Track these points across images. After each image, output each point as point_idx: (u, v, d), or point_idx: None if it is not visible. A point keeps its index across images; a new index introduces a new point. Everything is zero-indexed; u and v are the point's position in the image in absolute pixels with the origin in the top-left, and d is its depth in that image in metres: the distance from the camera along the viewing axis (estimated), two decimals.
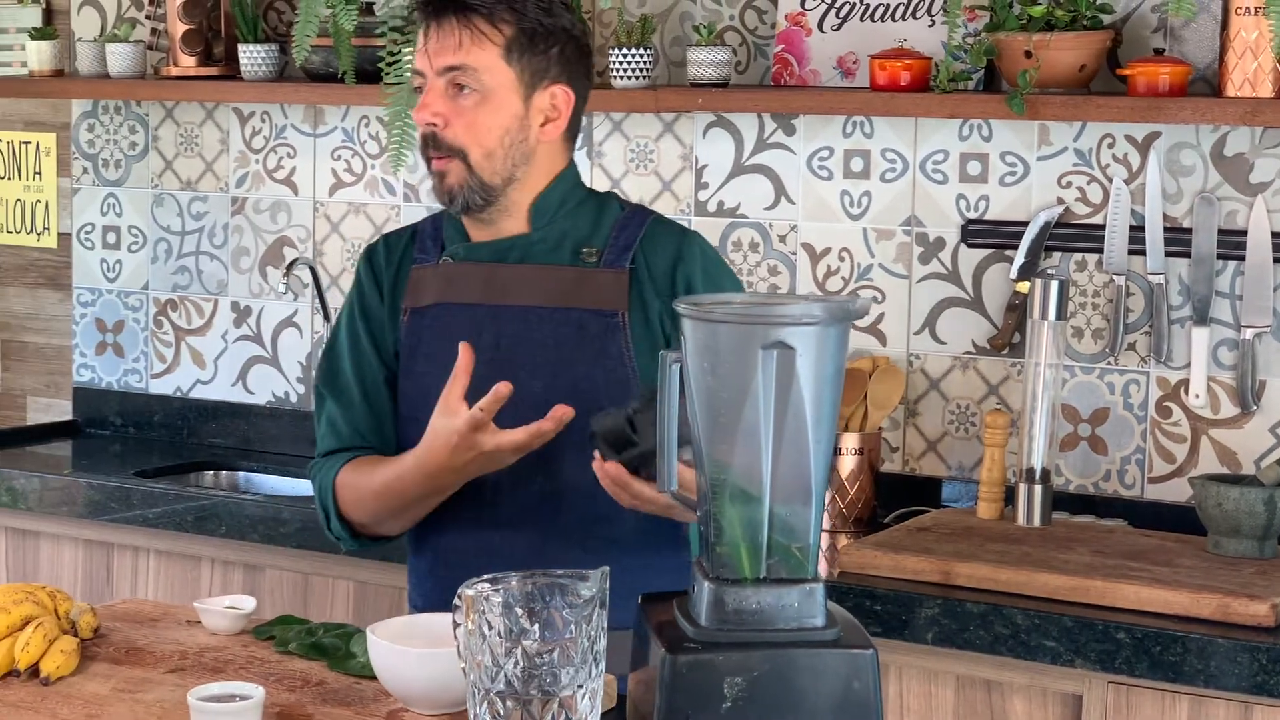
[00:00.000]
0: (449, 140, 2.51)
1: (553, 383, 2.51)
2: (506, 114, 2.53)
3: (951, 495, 3.67)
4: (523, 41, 2.52)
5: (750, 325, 1.84)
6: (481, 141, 2.52)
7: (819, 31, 3.68)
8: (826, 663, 1.86)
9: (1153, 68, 3.29)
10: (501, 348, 2.54)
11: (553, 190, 2.59)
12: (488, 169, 2.53)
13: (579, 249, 2.58)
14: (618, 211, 2.64)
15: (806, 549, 1.89)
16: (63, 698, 2.16)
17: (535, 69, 2.54)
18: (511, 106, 2.53)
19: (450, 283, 2.60)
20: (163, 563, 3.83)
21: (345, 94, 3.93)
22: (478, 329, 2.56)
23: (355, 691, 2.19)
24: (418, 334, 2.60)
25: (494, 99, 2.52)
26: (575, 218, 2.61)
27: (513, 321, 2.54)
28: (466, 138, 2.51)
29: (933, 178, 3.65)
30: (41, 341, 4.65)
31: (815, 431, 1.86)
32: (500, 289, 2.57)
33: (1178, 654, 2.86)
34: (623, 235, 2.59)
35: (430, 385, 2.54)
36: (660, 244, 2.59)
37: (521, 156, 2.55)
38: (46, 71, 4.33)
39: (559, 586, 1.84)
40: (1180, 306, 3.46)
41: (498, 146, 2.53)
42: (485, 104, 2.51)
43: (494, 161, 2.53)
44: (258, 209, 4.33)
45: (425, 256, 2.64)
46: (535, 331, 2.54)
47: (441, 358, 2.54)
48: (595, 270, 2.56)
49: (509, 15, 2.52)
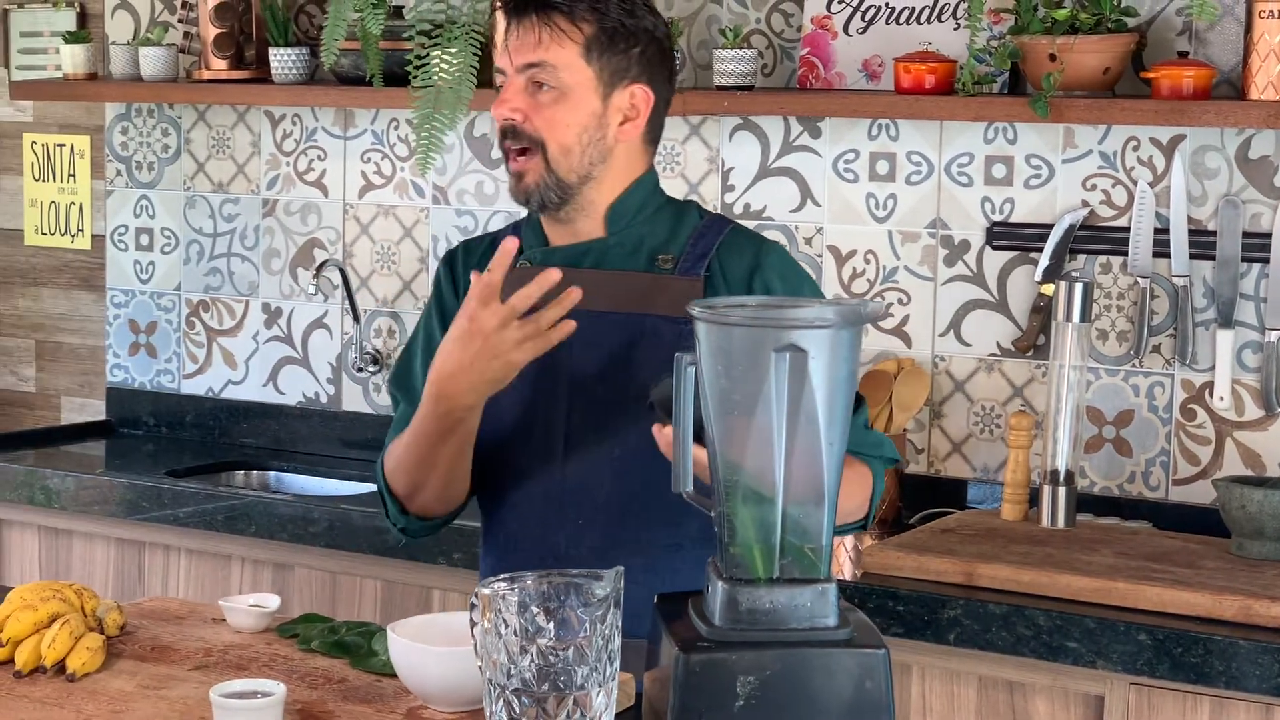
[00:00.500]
0: (528, 132, 2.51)
1: (622, 388, 2.50)
2: (584, 111, 2.52)
3: (976, 497, 3.68)
4: (603, 40, 2.52)
5: (763, 328, 1.86)
6: (559, 136, 2.51)
7: (844, 34, 3.70)
8: (839, 662, 1.88)
9: (1176, 70, 3.29)
10: (573, 352, 2.51)
11: (631, 194, 2.58)
12: (564, 165, 2.52)
13: (655, 255, 2.57)
14: (697, 220, 2.62)
15: (819, 549, 1.90)
16: (88, 694, 2.19)
17: (615, 68, 2.53)
18: (590, 104, 2.53)
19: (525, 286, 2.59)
20: (193, 561, 3.87)
21: (375, 97, 3.95)
22: None
23: (376, 689, 2.22)
24: None
25: (572, 96, 2.51)
26: (653, 224, 2.59)
27: (585, 326, 2.50)
28: (546, 131, 2.51)
29: (958, 180, 3.66)
30: (76, 342, 4.70)
31: (828, 433, 1.88)
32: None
33: (1199, 655, 2.87)
34: (700, 243, 2.58)
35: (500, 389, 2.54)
36: (738, 252, 2.57)
37: (599, 155, 2.54)
38: (80, 75, 4.37)
39: (574, 586, 1.86)
40: (1205, 309, 3.47)
41: (575, 143, 2.52)
42: (563, 101, 2.51)
43: (571, 158, 2.52)
44: (288, 211, 4.36)
45: None
46: (607, 337, 2.53)
47: None
48: (670, 277, 2.55)
49: (590, 14, 2.51)
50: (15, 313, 4.76)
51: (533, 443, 2.54)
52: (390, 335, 4.24)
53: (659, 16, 2.59)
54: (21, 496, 4.02)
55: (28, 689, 2.20)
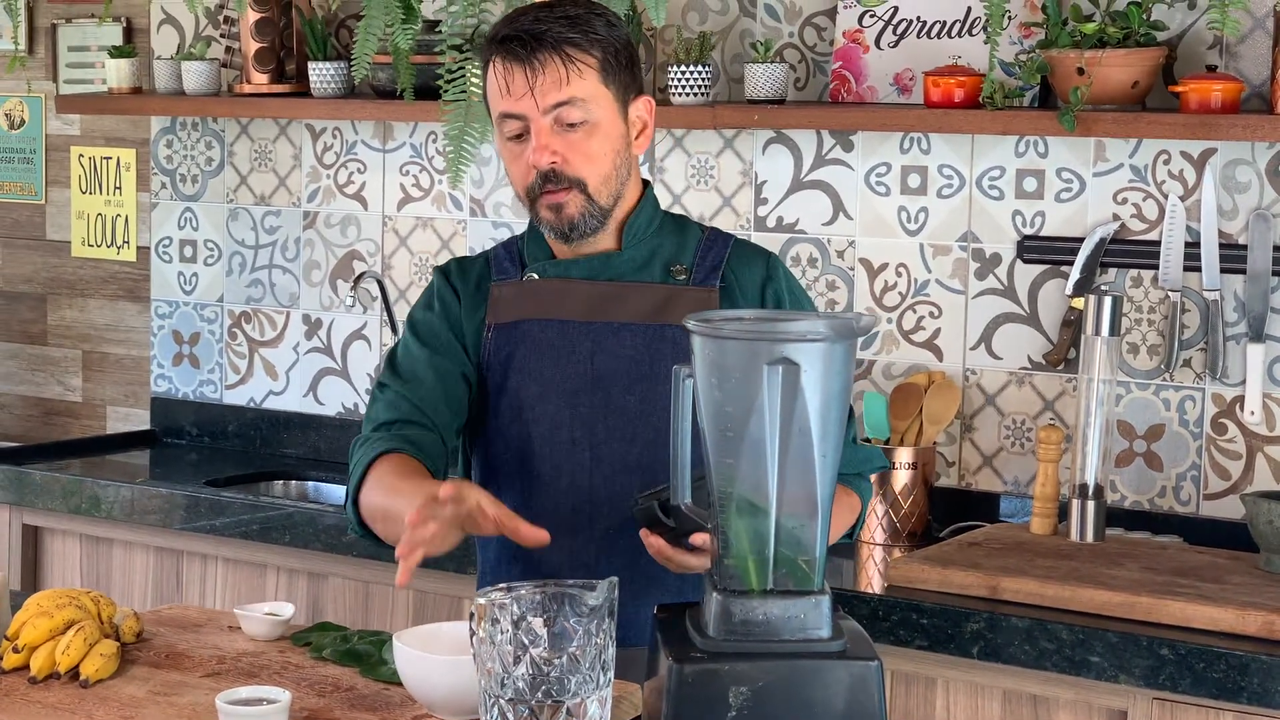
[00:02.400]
0: (569, 174, 2.51)
1: (646, 398, 2.54)
2: (615, 136, 2.55)
3: (1008, 510, 3.68)
4: (610, 61, 2.53)
5: (756, 341, 1.88)
6: (599, 170, 2.53)
7: (876, 48, 3.71)
8: (831, 674, 1.89)
9: (1205, 84, 3.28)
10: (596, 363, 2.56)
11: (642, 209, 2.62)
12: (604, 193, 2.54)
13: (669, 267, 2.60)
14: (699, 233, 2.66)
15: (813, 561, 1.92)
16: (99, 699, 2.22)
17: (624, 84, 2.56)
18: (617, 128, 2.55)
19: (538, 299, 2.61)
20: (230, 570, 3.91)
21: (412, 110, 3.99)
22: (571, 344, 2.58)
23: (383, 697, 2.24)
24: (508, 348, 2.61)
25: (603, 125, 2.53)
26: (661, 236, 2.63)
27: (607, 338, 2.56)
28: (584, 167, 2.52)
29: (989, 194, 3.66)
30: (121, 352, 4.75)
31: (821, 446, 1.89)
32: (595, 306, 2.58)
33: (1222, 671, 2.86)
34: (710, 255, 2.62)
35: (525, 398, 2.57)
36: (748, 263, 2.63)
37: (627, 173, 2.58)
38: (125, 89, 4.43)
39: (568, 596, 1.88)
40: (1235, 323, 3.45)
41: (612, 171, 2.54)
42: (596, 133, 2.52)
43: (610, 185, 2.55)
44: (328, 223, 4.40)
45: (504, 275, 2.65)
46: (629, 348, 2.56)
47: (535, 372, 2.57)
48: (686, 288, 2.58)
49: (596, 37, 2.52)
50: (63, 324, 4.82)
51: (559, 455, 2.56)
52: None
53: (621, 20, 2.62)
54: (66, 505, 4.07)
55: (41, 695, 2.23)
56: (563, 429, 2.55)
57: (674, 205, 3.95)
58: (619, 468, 2.54)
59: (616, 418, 2.54)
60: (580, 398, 2.55)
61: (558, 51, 2.49)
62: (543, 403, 2.57)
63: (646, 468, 2.51)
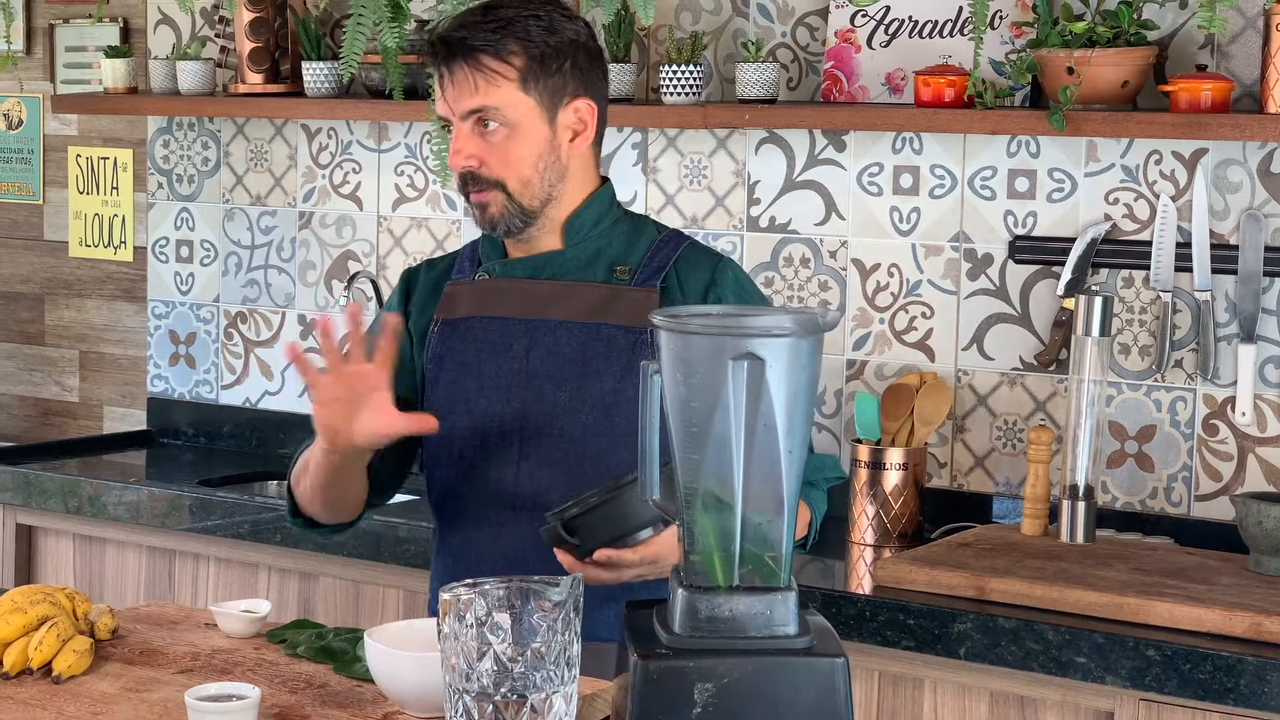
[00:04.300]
0: (486, 176, 2.56)
1: (577, 395, 2.58)
2: (537, 140, 2.57)
3: (1000, 511, 3.66)
4: (534, 68, 2.55)
5: (721, 336, 1.87)
6: (517, 172, 2.56)
7: (868, 48, 3.70)
8: (797, 670, 1.88)
9: (1195, 84, 3.27)
10: (531, 359, 2.60)
11: (587, 208, 2.64)
12: (526, 195, 2.58)
13: (613, 266, 2.63)
14: (654, 234, 2.68)
15: (779, 558, 1.91)
16: (71, 695, 2.21)
17: (553, 90, 2.57)
18: (540, 133, 2.57)
19: (485, 297, 2.65)
20: (222, 570, 3.91)
21: (406, 110, 3.99)
22: (508, 341, 2.62)
23: (355, 694, 2.23)
24: (448, 343, 2.66)
25: (521, 130, 2.56)
26: (610, 236, 2.65)
27: (544, 335, 2.60)
28: (502, 170, 2.56)
29: (981, 194, 3.65)
30: (118, 352, 4.75)
31: (787, 441, 1.88)
32: (534, 303, 2.62)
33: (1208, 671, 2.85)
34: (658, 256, 2.64)
35: (459, 392, 2.62)
36: (694, 267, 2.64)
37: (556, 176, 2.60)
38: (121, 89, 4.43)
39: (532, 591, 1.87)
40: (1227, 324, 3.44)
41: (533, 173, 2.57)
42: (514, 137, 2.55)
43: (531, 187, 2.58)
44: (324, 223, 4.40)
45: (461, 274, 2.71)
46: (564, 345, 2.60)
47: (473, 366, 2.63)
48: (627, 288, 2.61)
49: (515, 45, 2.54)
50: (60, 324, 4.83)
51: (489, 448, 2.61)
52: None
53: (579, 20, 2.62)
54: (62, 505, 4.08)
55: (13, 690, 2.23)
56: (494, 422, 2.60)
57: (667, 206, 3.95)
58: (544, 461, 2.57)
59: (546, 413, 2.58)
60: (513, 393, 2.60)
61: (469, 59, 2.53)
62: (478, 396, 2.62)
63: (572, 463, 2.56)
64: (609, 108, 2.73)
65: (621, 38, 3.84)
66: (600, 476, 2.49)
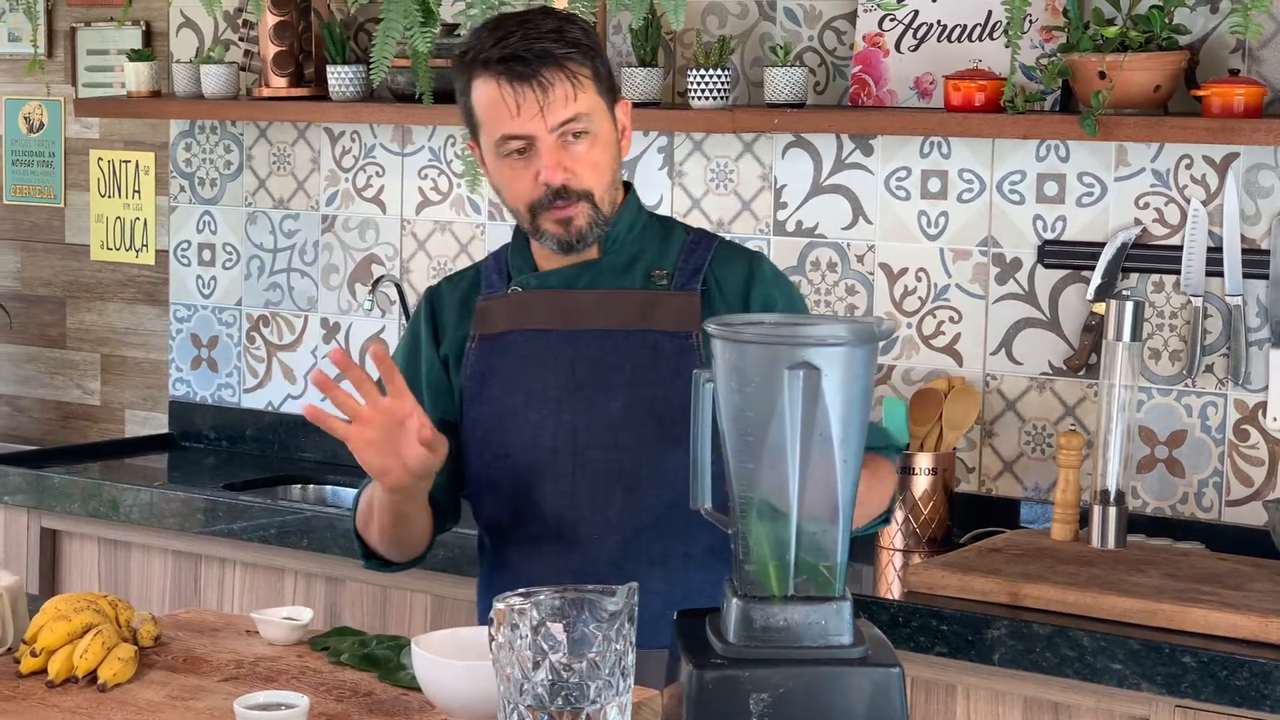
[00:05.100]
0: (577, 188, 2.51)
1: (629, 404, 2.54)
2: (612, 145, 2.56)
3: (1029, 516, 3.66)
4: (600, 69, 2.54)
5: (776, 345, 1.86)
6: (603, 180, 2.54)
7: (896, 52, 3.69)
8: (852, 680, 1.88)
9: (1228, 89, 3.27)
10: (577, 371, 2.56)
11: (622, 215, 2.62)
12: (606, 202, 2.56)
13: (650, 271, 2.61)
14: (684, 235, 2.66)
15: (834, 567, 1.91)
16: (117, 704, 2.21)
17: (609, 90, 2.57)
18: (612, 137, 2.56)
19: (522, 310, 2.61)
20: (248, 575, 3.90)
21: (431, 114, 3.98)
22: (553, 354, 2.58)
23: (401, 703, 2.23)
24: (489, 359, 2.61)
25: (601, 137, 2.53)
26: (643, 241, 2.63)
27: (588, 345, 2.56)
28: (592, 180, 2.52)
29: (1010, 198, 3.65)
30: (140, 356, 4.75)
31: (842, 451, 1.88)
32: (574, 314, 2.59)
33: (1244, 678, 2.85)
34: (692, 258, 2.62)
35: (507, 408, 2.58)
36: (730, 265, 2.62)
37: (619, 180, 2.60)
38: (144, 92, 4.43)
39: (587, 601, 1.86)
40: (1258, 329, 3.43)
41: (612, 179, 2.56)
42: (596, 144, 2.53)
43: (610, 194, 2.56)
44: (347, 227, 4.40)
45: (492, 289, 2.65)
46: (611, 355, 2.56)
47: (519, 381, 2.58)
48: (667, 293, 2.58)
49: (584, 47, 2.53)
50: (81, 327, 4.82)
51: (541, 464, 2.57)
52: None
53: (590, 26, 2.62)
54: (84, 509, 4.07)
55: (59, 699, 2.23)
56: (544, 438, 2.56)
57: (693, 209, 3.94)
58: (601, 475, 2.54)
59: (599, 425, 2.55)
60: (562, 406, 2.56)
61: (562, 68, 2.49)
62: (525, 412, 2.58)
63: (629, 474, 2.53)
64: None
65: (649, 42, 3.84)
66: (657, 484, 2.48)
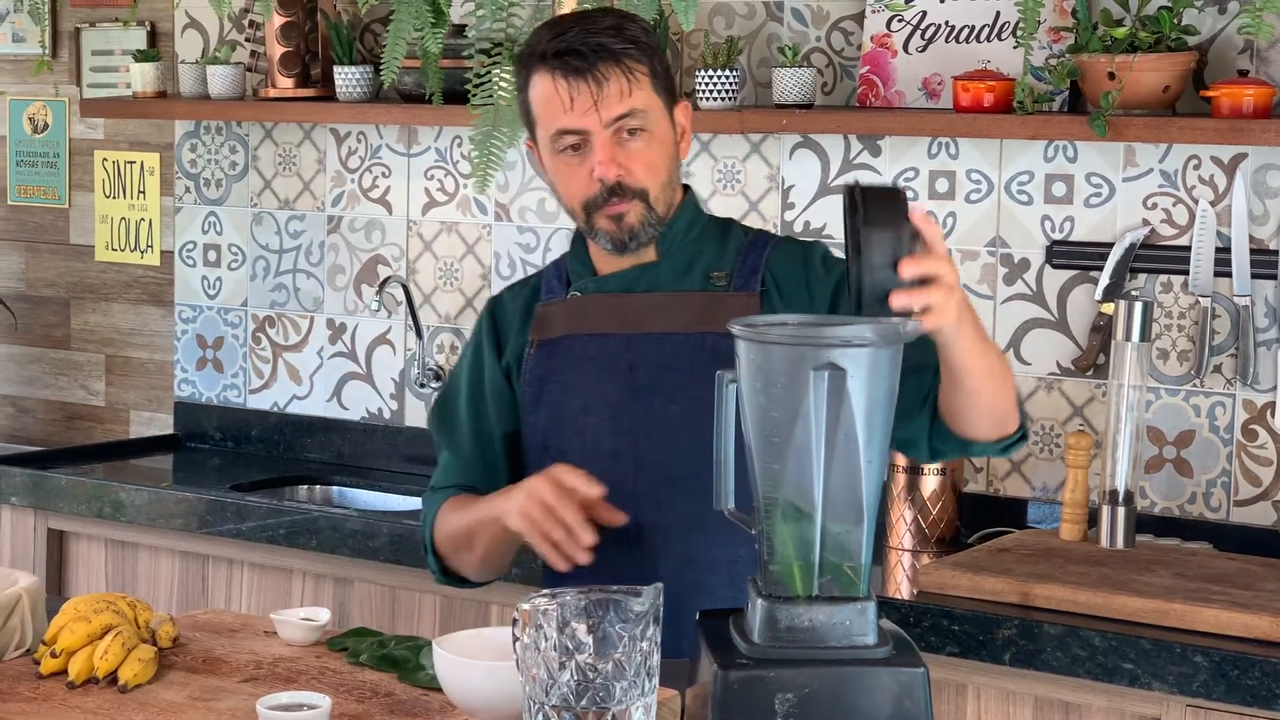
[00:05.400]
0: (632, 185, 2.51)
1: (690, 407, 2.50)
2: (669, 144, 2.55)
3: (1036, 516, 3.67)
4: (657, 68, 2.54)
5: (801, 347, 1.87)
6: (658, 179, 2.53)
7: (904, 53, 3.70)
8: (877, 680, 1.88)
9: (1237, 89, 3.27)
10: (635, 375, 2.55)
11: (679, 217, 2.60)
12: (661, 202, 2.54)
13: (708, 273, 2.59)
14: (742, 236, 2.64)
15: (858, 568, 1.91)
16: (138, 705, 2.21)
17: (668, 90, 2.56)
18: (669, 136, 2.55)
19: (580, 314, 2.60)
20: (256, 575, 3.91)
21: (437, 115, 3.99)
22: (610, 357, 2.57)
23: (422, 703, 2.23)
24: (547, 364, 2.61)
25: (658, 133, 2.52)
26: (701, 243, 2.61)
27: (647, 349, 2.54)
28: (646, 178, 2.51)
29: (1018, 199, 3.65)
30: (144, 357, 4.75)
31: (867, 451, 1.88)
32: (632, 318, 2.57)
33: (1256, 678, 2.85)
34: (749, 258, 2.60)
35: (566, 413, 2.57)
36: (785, 262, 2.60)
37: (677, 181, 2.59)
38: (149, 93, 4.42)
39: (613, 602, 1.87)
40: (1266, 329, 3.44)
41: (668, 179, 2.55)
42: (653, 141, 2.52)
43: (666, 194, 2.55)
44: (353, 228, 4.40)
45: (551, 295, 2.65)
46: (670, 358, 2.54)
47: (577, 385, 2.57)
48: (726, 294, 2.56)
49: (644, 45, 2.52)
50: (86, 327, 4.82)
51: (601, 468, 2.52)
52: (453, 351, 4.27)
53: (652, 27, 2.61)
54: (90, 510, 4.07)
55: (80, 700, 2.23)
56: (604, 442, 2.54)
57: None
58: (662, 479, 2.53)
59: (659, 429, 2.53)
60: (622, 410, 2.54)
61: (618, 63, 2.48)
62: (584, 416, 2.56)
63: (691, 478, 2.48)
64: None
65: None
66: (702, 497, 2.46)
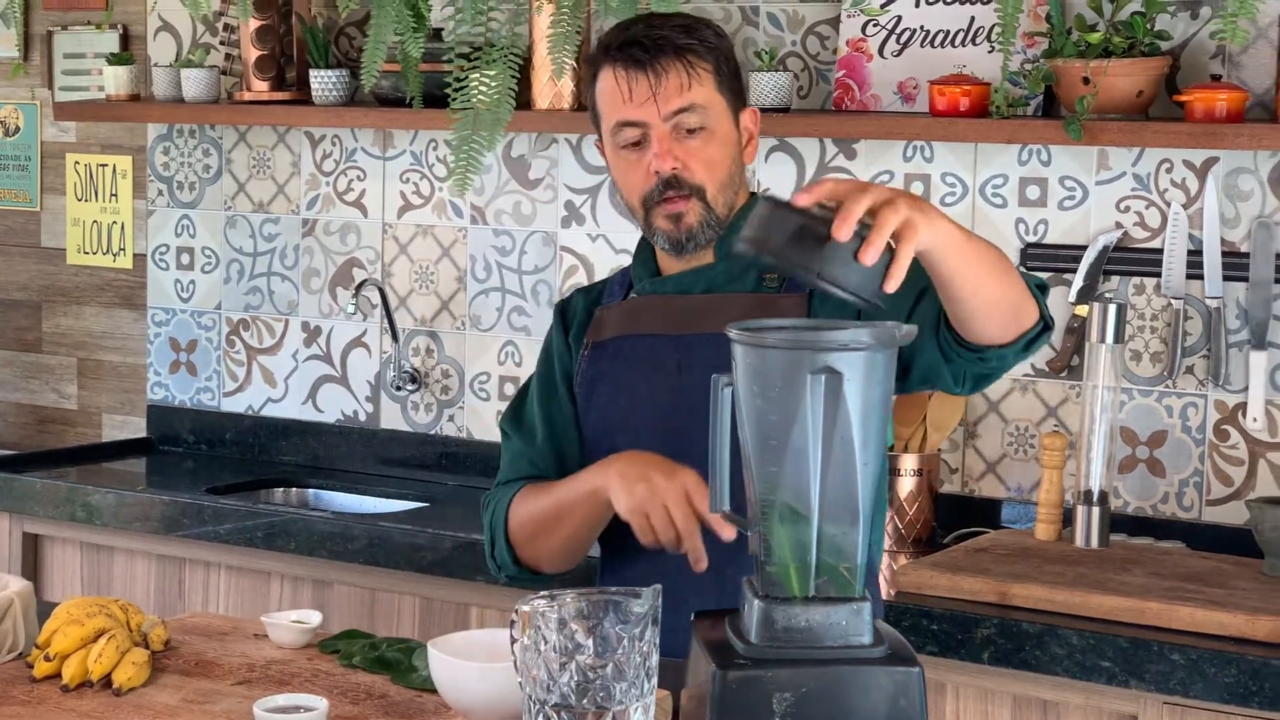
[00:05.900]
0: (689, 180, 2.51)
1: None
2: (730, 144, 2.56)
3: (1011, 516, 3.70)
4: (723, 69, 2.55)
5: (798, 350, 1.89)
6: (716, 177, 2.53)
7: (880, 57, 3.73)
8: (873, 679, 1.90)
9: (1210, 94, 3.31)
10: (684, 376, 2.54)
11: (738, 220, 2.58)
12: (720, 202, 2.54)
13: (762, 275, 2.59)
14: None
15: (854, 569, 1.93)
16: (134, 708, 2.22)
17: (735, 93, 2.58)
18: (732, 137, 2.56)
19: (633, 316, 2.61)
20: (233, 578, 3.91)
21: (413, 118, 4.00)
22: (659, 358, 2.58)
23: (416, 704, 2.25)
24: (599, 365, 2.62)
25: (719, 132, 2.53)
26: None
27: (696, 350, 2.54)
28: (705, 174, 2.52)
29: (992, 202, 3.68)
30: (117, 360, 4.74)
31: (863, 454, 1.91)
32: (682, 319, 2.57)
33: (1232, 675, 2.89)
34: None
35: (615, 413, 2.59)
36: None
37: (739, 184, 2.59)
38: (123, 96, 4.42)
39: (612, 603, 1.89)
40: (1238, 330, 3.48)
41: (727, 179, 2.55)
42: (713, 139, 2.52)
43: (725, 194, 2.55)
44: (328, 231, 4.40)
45: (612, 298, 2.67)
46: (719, 360, 2.53)
47: (627, 386, 2.59)
48: (777, 295, 2.56)
49: (711, 45, 2.54)
50: (58, 331, 4.82)
51: None
52: (429, 354, 4.28)
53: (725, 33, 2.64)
54: (63, 513, 4.07)
55: (75, 703, 2.24)
56: (651, 442, 2.52)
57: None
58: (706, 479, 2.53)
59: (703, 429, 2.53)
60: (671, 411, 2.55)
61: (679, 57, 2.50)
62: (632, 415, 2.58)
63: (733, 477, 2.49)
64: None
65: None
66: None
